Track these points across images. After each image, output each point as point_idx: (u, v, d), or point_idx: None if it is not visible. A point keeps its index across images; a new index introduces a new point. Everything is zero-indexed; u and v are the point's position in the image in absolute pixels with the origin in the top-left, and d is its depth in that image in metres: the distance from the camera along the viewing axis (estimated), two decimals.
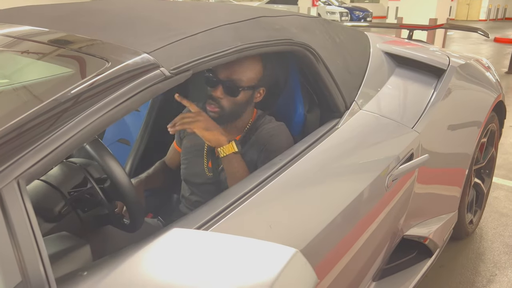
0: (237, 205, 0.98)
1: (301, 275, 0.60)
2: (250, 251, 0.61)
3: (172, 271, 0.59)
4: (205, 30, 1.07)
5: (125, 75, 0.84)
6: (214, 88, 1.29)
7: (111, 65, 0.84)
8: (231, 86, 1.28)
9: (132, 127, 2.09)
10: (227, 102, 1.30)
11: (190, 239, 0.63)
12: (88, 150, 1.04)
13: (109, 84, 0.81)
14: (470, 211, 2.34)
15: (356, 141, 1.41)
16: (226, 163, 1.27)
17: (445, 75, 1.90)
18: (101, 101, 0.78)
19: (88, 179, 1.07)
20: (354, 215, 1.28)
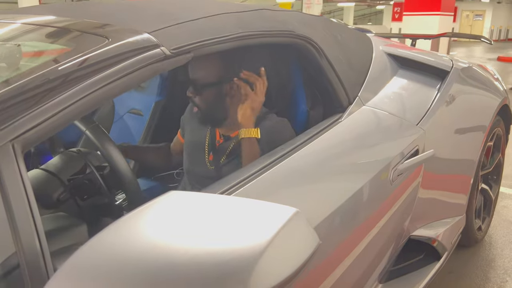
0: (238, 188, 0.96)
1: (302, 236, 0.58)
2: (247, 211, 0.59)
3: (168, 232, 0.57)
4: (207, 16, 1.07)
5: (125, 51, 0.84)
6: (189, 90, 1.34)
7: (110, 41, 0.84)
8: (195, 85, 1.32)
9: (134, 131, 2.09)
10: (199, 101, 1.34)
11: (188, 200, 0.61)
12: (89, 136, 1.03)
13: (108, 59, 0.80)
14: (479, 217, 2.29)
15: (359, 134, 1.39)
16: (247, 144, 1.29)
17: (449, 77, 1.89)
18: (99, 74, 0.77)
19: (88, 165, 1.06)
20: (358, 211, 1.26)
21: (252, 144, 1.29)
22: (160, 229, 0.57)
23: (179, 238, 0.56)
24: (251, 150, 1.29)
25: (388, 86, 1.69)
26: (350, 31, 1.77)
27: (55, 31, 0.97)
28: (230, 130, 1.43)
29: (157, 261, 0.52)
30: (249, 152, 1.29)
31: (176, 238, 0.56)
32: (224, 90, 1.35)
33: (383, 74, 1.74)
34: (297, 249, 0.57)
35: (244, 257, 0.52)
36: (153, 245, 0.55)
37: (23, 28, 1.05)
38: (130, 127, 2.14)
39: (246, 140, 1.30)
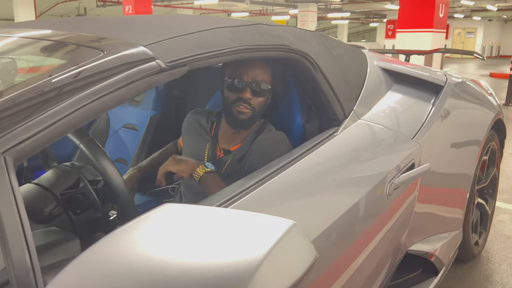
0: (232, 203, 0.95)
1: (299, 249, 0.56)
2: (243, 223, 0.57)
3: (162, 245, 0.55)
4: (203, 30, 1.08)
5: (120, 64, 0.83)
6: (242, 91, 1.35)
7: (106, 54, 0.84)
8: (258, 87, 1.35)
9: (130, 146, 2.08)
10: (255, 103, 1.36)
11: (182, 213, 0.59)
12: (83, 149, 1.02)
13: (102, 72, 0.80)
14: (475, 232, 2.28)
15: (355, 148, 1.39)
16: (202, 184, 1.32)
17: (443, 91, 1.91)
18: (93, 86, 0.77)
19: (81, 179, 1.04)
20: (355, 226, 1.25)
21: (205, 180, 1.31)
22: (153, 242, 0.56)
23: (173, 251, 0.55)
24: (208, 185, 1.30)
25: (383, 101, 1.70)
26: (345, 46, 1.78)
27: (50, 45, 0.96)
28: (232, 144, 1.43)
29: (150, 276, 0.51)
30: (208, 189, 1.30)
31: (170, 252, 0.55)
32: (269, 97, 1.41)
33: (378, 89, 1.75)
34: (294, 263, 0.56)
35: (240, 271, 0.51)
36: (147, 259, 0.54)
37: (18, 42, 1.05)
38: (125, 142, 2.12)
39: (201, 181, 1.31)
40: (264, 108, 1.41)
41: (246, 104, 1.35)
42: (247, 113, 1.36)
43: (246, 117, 1.36)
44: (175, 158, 1.37)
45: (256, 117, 1.40)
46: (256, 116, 1.39)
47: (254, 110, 1.37)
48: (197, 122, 1.51)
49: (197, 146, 1.46)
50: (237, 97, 1.35)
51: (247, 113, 1.36)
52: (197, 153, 1.44)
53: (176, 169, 1.34)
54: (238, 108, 1.35)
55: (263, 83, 1.36)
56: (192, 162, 1.34)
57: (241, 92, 1.35)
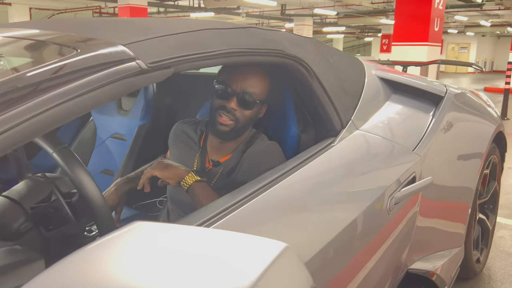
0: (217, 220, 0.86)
1: (292, 276, 0.48)
2: (228, 246, 0.49)
3: (131, 270, 0.46)
4: (189, 31, 1.00)
5: (95, 64, 0.75)
6: (228, 100, 1.25)
7: (79, 52, 0.76)
8: (246, 99, 1.25)
9: (117, 156, 1.99)
10: (240, 115, 1.26)
11: (157, 233, 0.51)
12: (55, 159, 0.93)
13: (74, 71, 0.72)
14: (477, 249, 2.19)
15: (353, 160, 1.30)
16: (191, 193, 1.21)
17: (443, 102, 1.84)
18: (62, 87, 0.68)
19: (54, 191, 0.95)
20: (354, 243, 1.16)
21: (194, 190, 1.21)
22: (121, 267, 0.47)
23: (144, 278, 0.46)
24: (196, 195, 1.20)
25: (382, 111, 1.63)
26: (342, 54, 1.71)
27: (19, 43, 0.88)
28: (221, 155, 1.34)
29: None
30: (196, 199, 1.20)
31: (141, 278, 0.46)
32: (260, 111, 1.32)
33: (377, 98, 1.68)
34: None
35: None
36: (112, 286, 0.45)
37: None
38: (112, 152, 2.03)
39: (190, 190, 1.21)
40: (251, 121, 1.31)
41: (229, 114, 1.25)
42: (229, 125, 1.25)
43: (228, 129, 1.26)
44: (162, 162, 1.26)
45: (239, 131, 1.29)
46: (239, 129, 1.28)
47: (238, 122, 1.26)
48: (185, 132, 1.42)
49: (184, 158, 1.37)
50: (222, 105, 1.26)
51: (229, 125, 1.26)
52: (186, 166, 1.35)
53: (163, 175, 1.22)
54: (220, 118, 1.25)
55: (253, 95, 1.26)
56: (181, 169, 1.24)
57: (227, 101, 1.25)
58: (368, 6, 15.34)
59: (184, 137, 1.41)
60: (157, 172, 1.22)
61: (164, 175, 1.22)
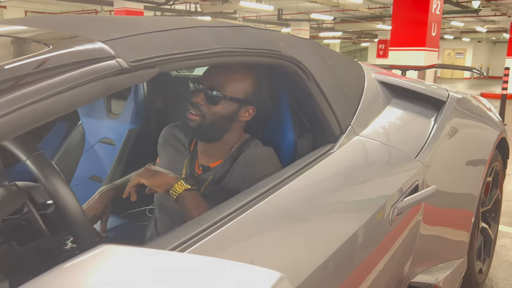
0: (208, 233, 0.78)
1: None
2: (210, 276, 0.41)
3: None
4: (179, 28, 0.92)
5: (68, 62, 0.67)
6: (195, 95, 1.18)
7: (51, 49, 0.68)
8: (212, 94, 1.17)
9: (106, 162, 1.90)
10: (207, 110, 1.18)
11: (126, 259, 0.43)
12: (29, 166, 0.84)
13: (44, 70, 0.64)
14: (479, 259, 2.12)
15: (354, 168, 1.23)
16: (180, 202, 1.13)
17: (445, 107, 1.77)
18: (28, 87, 0.60)
19: (26, 202, 0.87)
20: (355, 257, 1.08)
21: (183, 199, 1.13)
22: None
23: None
24: (186, 204, 1.13)
25: (383, 116, 1.56)
26: (341, 57, 1.64)
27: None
28: (211, 159, 1.26)
29: None
30: (186, 209, 1.13)
31: None
32: (239, 112, 1.22)
33: (377, 103, 1.60)
34: None
35: None
36: None
37: None
38: (101, 158, 1.95)
39: (179, 199, 1.13)
40: (222, 120, 1.20)
41: (195, 109, 1.18)
42: (195, 120, 1.18)
43: (195, 124, 1.18)
44: (149, 169, 1.18)
45: (210, 128, 1.19)
46: (209, 126, 1.19)
47: (204, 118, 1.18)
48: (174, 136, 1.35)
49: (174, 162, 1.29)
50: (191, 100, 1.19)
51: (195, 120, 1.18)
52: (174, 171, 1.27)
53: (150, 182, 1.14)
54: (188, 114, 1.19)
55: (222, 91, 1.17)
56: (169, 177, 1.16)
57: (195, 96, 1.19)
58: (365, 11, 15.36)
59: (173, 141, 1.34)
60: (144, 179, 1.14)
61: (152, 182, 1.14)
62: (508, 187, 3.85)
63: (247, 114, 1.24)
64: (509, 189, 3.79)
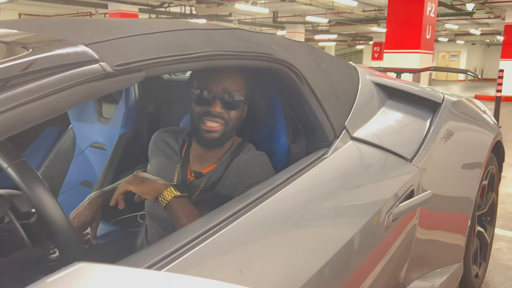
0: (200, 242, 0.76)
1: None
2: None
3: None
4: (167, 30, 0.90)
5: (49, 66, 0.64)
6: (211, 105, 1.16)
7: (30, 52, 0.65)
8: (230, 99, 1.16)
9: (97, 167, 1.87)
10: (228, 117, 1.17)
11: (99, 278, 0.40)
12: (11, 174, 0.81)
13: (22, 74, 0.61)
14: (475, 263, 2.10)
15: (348, 173, 1.21)
16: (169, 210, 1.10)
17: (441, 110, 1.75)
18: (7, 91, 0.57)
19: (7, 212, 0.83)
20: (349, 262, 1.06)
21: (173, 206, 1.09)
22: None
23: None
24: (176, 212, 1.09)
25: (377, 119, 1.53)
26: (334, 59, 1.62)
27: None
28: (204, 165, 1.24)
29: None
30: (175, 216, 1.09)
31: None
32: (243, 108, 1.23)
33: (371, 105, 1.58)
34: None
35: None
36: None
37: None
38: (92, 163, 1.91)
39: (168, 206, 1.09)
40: (238, 122, 1.21)
41: (217, 118, 1.15)
42: (218, 130, 1.16)
43: (218, 135, 1.17)
44: (138, 175, 1.15)
45: (229, 134, 1.20)
46: (229, 132, 1.19)
47: (227, 125, 1.17)
48: (165, 142, 1.32)
49: (164, 169, 1.26)
50: (206, 111, 1.16)
51: (219, 130, 1.16)
52: (165, 178, 1.24)
53: (139, 189, 1.11)
54: (205, 125, 1.15)
55: (235, 93, 1.17)
56: (158, 183, 1.13)
57: (210, 106, 1.15)
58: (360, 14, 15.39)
59: (164, 147, 1.31)
60: (132, 187, 1.11)
61: (140, 189, 1.11)
62: (504, 189, 3.84)
63: (244, 112, 1.24)
64: (505, 192, 3.79)
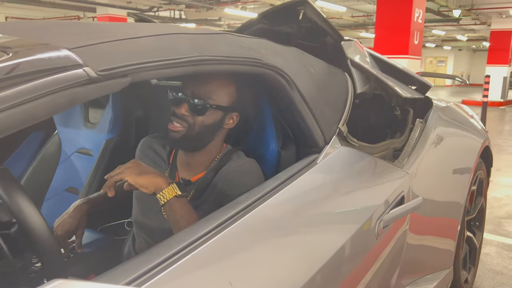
0: (186, 253, 0.73)
1: None
2: None
3: None
4: (153, 35, 0.87)
5: (30, 71, 0.62)
6: (178, 105, 1.12)
7: (10, 57, 0.62)
8: (197, 103, 1.11)
9: (83, 173, 1.83)
10: (193, 121, 1.12)
11: None
12: None
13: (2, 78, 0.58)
14: (465, 268, 2.10)
15: (338, 179, 1.19)
16: (168, 210, 1.04)
17: (430, 116, 1.75)
18: None
19: None
20: (340, 270, 1.04)
21: (172, 206, 1.04)
22: None
23: None
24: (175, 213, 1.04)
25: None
26: (324, 65, 1.61)
27: None
28: (192, 172, 1.21)
29: None
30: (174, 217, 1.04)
31: None
32: (224, 119, 1.17)
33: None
34: None
35: None
36: None
37: None
38: (78, 169, 1.87)
39: (167, 205, 1.04)
40: (208, 130, 1.15)
41: (180, 120, 1.11)
42: (179, 131, 1.11)
43: (179, 135, 1.12)
44: (137, 165, 1.06)
45: (195, 139, 1.14)
46: (195, 137, 1.14)
47: (190, 129, 1.12)
48: (152, 149, 1.29)
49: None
50: (173, 111, 1.13)
51: (180, 131, 1.12)
52: None
53: (136, 181, 1.02)
54: (170, 125, 1.12)
55: (207, 99, 1.12)
56: (159, 178, 1.04)
57: (177, 107, 1.12)
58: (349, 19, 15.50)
59: (151, 154, 1.28)
60: (129, 177, 1.02)
61: (138, 181, 1.02)
62: (492, 193, 3.87)
63: (231, 121, 1.20)
64: (493, 196, 3.82)
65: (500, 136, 7.35)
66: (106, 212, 1.44)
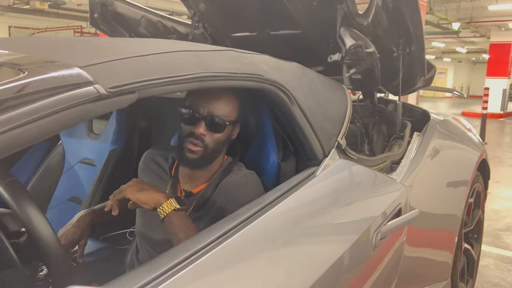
0: (189, 263, 0.76)
1: None
2: None
3: None
4: (159, 52, 0.91)
5: (44, 88, 0.65)
6: (196, 125, 1.15)
7: (26, 75, 0.66)
8: (215, 122, 1.16)
9: (86, 183, 1.86)
10: (210, 139, 1.16)
11: None
12: (1, 193, 0.81)
13: (18, 96, 0.62)
14: (463, 281, 2.12)
15: (337, 191, 1.22)
16: (167, 223, 1.08)
17: (427, 130, 1.79)
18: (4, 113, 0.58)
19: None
20: (338, 282, 1.07)
21: (171, 219, 1.07)
22: None
23: None
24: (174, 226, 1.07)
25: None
26: (324, 79, 1.65)
27: None
28: (194, 184, 1.24)
29: None
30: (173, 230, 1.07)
31: None
32: (232, 133, 1.23)
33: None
34: None
35: None
36: None
37: None
38: (81, 179, 1.91)
39: (166, 219, 1.07)
40: (222, 145, 1.21)
41: (198, 140, 1.15)
42: (197, 151, 1.15)
43: (197, 156, 1.16)
44: (138, 183, 1.12)
45: (209, 157, 1.19)
46: (209, 155, 1.18)
47: (207, 149, 1.16)
48: (154, 161, 1.32)
49: (158, 183, 1.26)
50: (190, 131, 1.16)
51: (198, 152, 1.16)
52: None
53: (137, 197, 1.08)
54: (189, 145, 1.15)
55: (222, 117, 1.17)
56: (158, 194, 1.10)
57: (194, 126, 1.16)
58: None
59: (154, 166, 1.31)
60: (130, 194, 1.09)
61: (139, 198, 1.08)
62: (490, 206, 3.89)
63: (235, 132, 1.24)
64: (491, 208, 3.84)
65: (500, 148, 7.38)
66: (109, 222, 1.47)
